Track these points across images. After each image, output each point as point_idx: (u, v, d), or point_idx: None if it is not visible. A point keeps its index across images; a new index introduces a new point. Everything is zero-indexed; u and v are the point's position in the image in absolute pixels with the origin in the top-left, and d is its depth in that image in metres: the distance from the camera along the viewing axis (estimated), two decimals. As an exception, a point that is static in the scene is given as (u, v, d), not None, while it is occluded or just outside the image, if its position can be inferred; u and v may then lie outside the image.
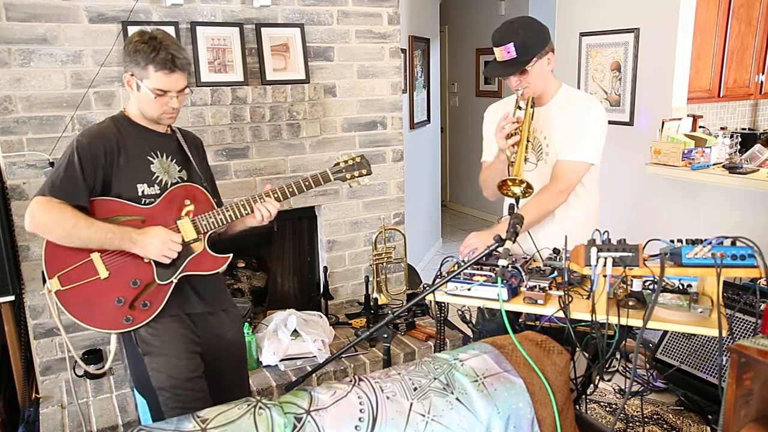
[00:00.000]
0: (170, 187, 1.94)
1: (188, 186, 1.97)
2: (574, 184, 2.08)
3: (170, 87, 1.84)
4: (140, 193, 1.89)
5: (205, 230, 1.96)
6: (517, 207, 1.97)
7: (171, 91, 1.85)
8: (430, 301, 2.02)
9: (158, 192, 1.92)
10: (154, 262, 1.89)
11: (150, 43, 1.80)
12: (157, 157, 1.94)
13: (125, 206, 1.88)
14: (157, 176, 1.93)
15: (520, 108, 2.03)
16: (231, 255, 2.04)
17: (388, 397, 1.50)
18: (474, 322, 2.20)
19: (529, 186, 1.85)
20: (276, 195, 2.03)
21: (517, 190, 1.88)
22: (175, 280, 1.92)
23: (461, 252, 2.06)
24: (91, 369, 2.80)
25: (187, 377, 1.91)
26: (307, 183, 2.06)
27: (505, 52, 1.98)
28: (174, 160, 1.98)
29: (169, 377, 1.89)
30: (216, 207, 2.00)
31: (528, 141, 1.97)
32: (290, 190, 2.04)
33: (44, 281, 1.84)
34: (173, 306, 1.93)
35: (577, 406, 2.09)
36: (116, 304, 1.86)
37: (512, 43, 1.96)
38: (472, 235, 2.09)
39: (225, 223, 1.97)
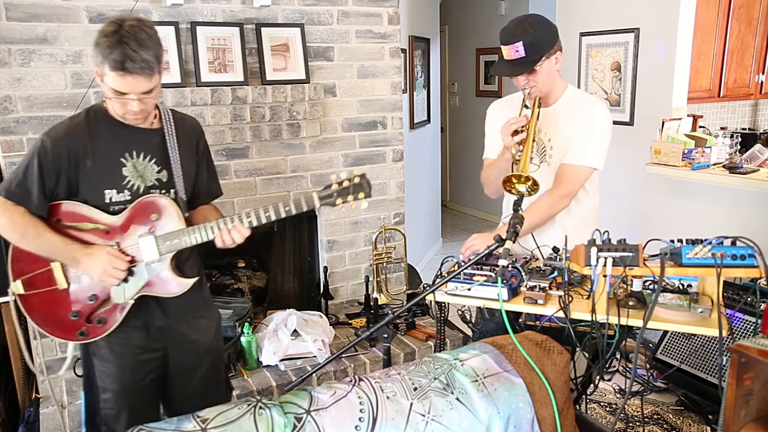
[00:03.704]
0: (143, 193, 1.78)
1: (157, 198, 1.78)
2: (578, 189, 2.07)
3: (126, 89, 1.62)
4: (108, 200, 1.75)
5: (167, 251, 1.78)
6: (520, 206, 1.97)
7: (129, 93, 1.64)
8: (430, 301, 2.02)
9: (129, 198, 1.76)
10: None
11: (110, 37, 1.58)
12: (132, 158, 1.77)
13: (90, 213, 1.75)
14: (129, 181, 1.76)
15: (527, 107, 2.02)
16: (195, 279, 1.86)
17: (388, 397, 1.50)
18: (474, 322, 2.20)
19: (534, 183, 1.84)
20: (249, 219, 1.79)
21: (522, 188, 1.87)
22: (131, 301, 1.79)
23: (462, 253, 2.06)
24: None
25: (133, 385, 1.87)
26: (287, 209, 1.80)
27: (513, 51, 1.96)
28: (153, 160, 1.80)
29: (113, 382, 1.85)
30: (185, 223, 1.80)
31: (533, 141, 1.97)
32: (267, 215, 1.80)
33: (8, 284, 1.79)
34: (132, 318, 1.82)
35: (577, 406, 2.09)
36: (71, 317, 1.78)
37: (521, 42, 1.94)
38: (473, 237, 2.08)
39: (189, 245, 1.78)
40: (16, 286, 1.77)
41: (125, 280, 1.77)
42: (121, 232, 1.76)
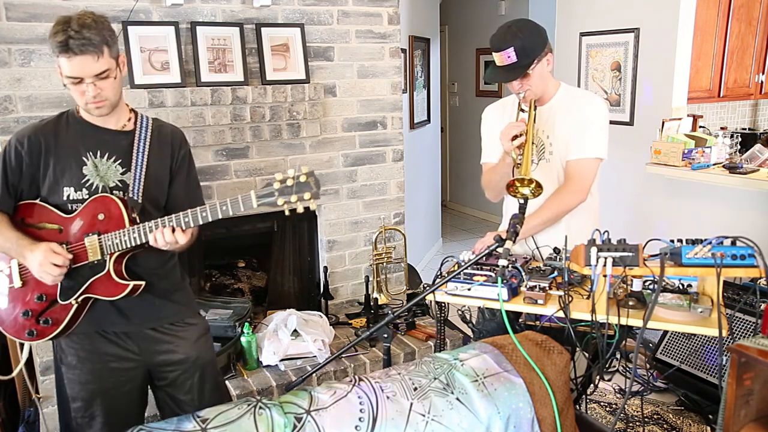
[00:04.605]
0: (101, 193, 1.76)
1: (106, 198, 1.75)
2: (591, 181, 2.09)
3: (76, 72, 1.62)
4: (66, 197, 1.75)
5: (110, 251, 1.74)
6: (525, 209, 1.96)
7: (83, 77, 1.63)
8: (430, 301, 2.02)
9: (86, 197, 1.75)
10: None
11: (56, 26, 1.63)
12: (94, 157, 1.76)
13: (49, 213, 1.76)
14: (88, 179, 1.76)
15: (523, 111, 2.03)
16: (136, 283, 1.79)
17: (388, 397, 1.50)
18: (474, 322, 2.20)
19: (538, 185, 1.84)
20: (187, 220, 1.70)
21: (526, 191, 1.86)
22: (75, 302, 1.77)
23: (474, 251, 2.05)
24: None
25: (106, 393, 1.84)
26: (224, 208, 1.66)
27: (505, 57, 1.97)
28: (118, 162, 1.79)
29: (81, 390, 1.84)
30: (129, 224, 1.75)
31: (532, 143, 1.97)
32: (203, 214, 1.69)
33: None
34: (85, 323, 1.81)
35: (577, 406, 2.09)
36: (22, 316, 1.79)
37: (512, 48, 1.95)
38: (489, 235, 2.08)
39: (129, 245, 1.73)
40: None
41: (71, 280, 1.77)
42: (72, 230, 1.77)
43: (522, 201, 1.85)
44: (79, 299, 1.77)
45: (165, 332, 1.91)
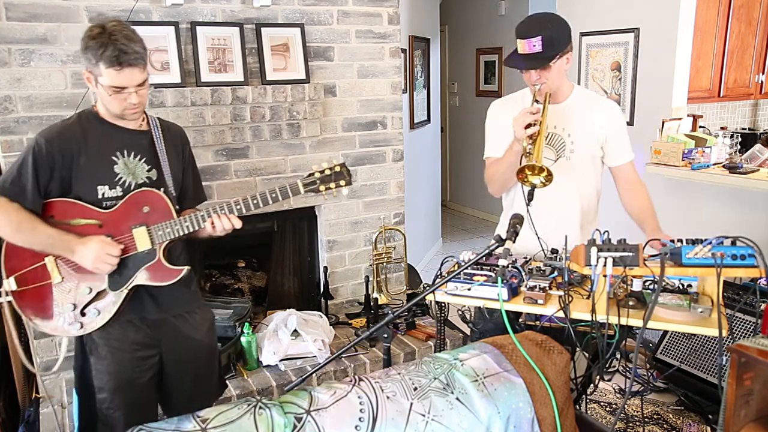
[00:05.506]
0: (134, 189, 1.86)
1: (148, 191, 1.87)
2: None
3: (124, 83, 1.73)
4: (100, 195, 1.83)
5: (160, 240, 1.86)
6: (531, 198, 1.97)
7: (127, 87, 1.74)
8: (430, 301, 2.02)
9: (120, 194, 1.85)
10: None
11: (98, 38, 1.69)
12: (123, 156, 1.85)
13: (84, 209, 1.82)
14: (121, 177, 1.85)
15: (537, 102, 2.04)
16: (187, 268, 1.92)
17: (388, 397, 1.50)
18: (473, 321, 2.20)
19: (549, 173, 1.86)
20: (239, 207, 1.90)
21: (536, 180, 1.89)
22: (126, 290, 1.86)
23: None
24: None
25: (130, 383, 1.90)
26: (273, 195, 1.90)
27: (530, 46, 1.99)
28: (143, 159, 1.89)
29: (110, 380, 1.89)
30: (176, 215, 1.88)
31: (545, 135, 2.00)
32: (254, 202, 1.90)
33: (1, 281, 1.85)
34: (126, 312, 1.88)
35: (577, 406, 2.10)
36: (67, 310, 1.84)
37: (540, 37, 1.97)
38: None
39: (181, 234, 1.87)
40: (9, 283, 1.82)
41: (119, 271, 1.84)
42: (114, 224, 1.84)
43: (530, 189, 1.89)
44: (130, 287, 1.86)
45: (184, 319, 2.02)
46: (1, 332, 2.73)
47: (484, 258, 1.72)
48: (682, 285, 1.81)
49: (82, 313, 1.84)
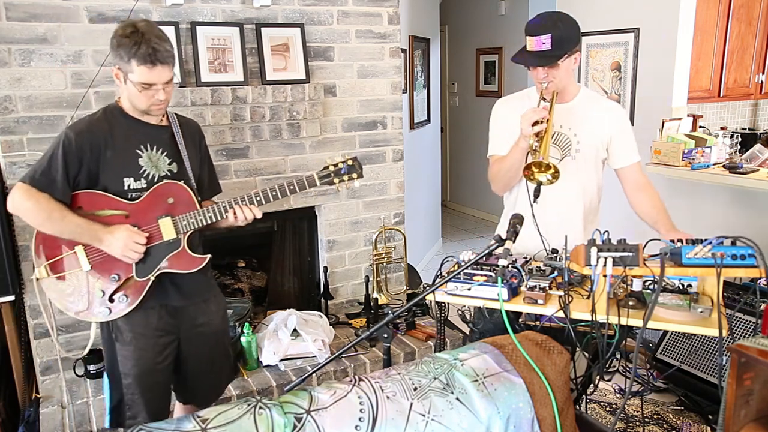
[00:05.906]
0: (157, 181, 1.95)
1: (172, 184, 1.97)
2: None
3: (154, 80, 1.82)
4: (126, 187, 1.91)
5: (185, 230, 1.97)
6: (537, 195, 1.98)
7: (156, 84, 1.83)
8: (430, 301, 2.02)
9: (145, 186, 1.94)
10: None
11: (132, 37, 1.77)
12: (147, 150, 1.94)
13: (110, 200, 1.91)
14: (145, 170, 1.94)
15: (544, 99, 2.04)
16: (209, 256, 2.05)
17: (388, 397, 1.50)
18: (473, 321, 2.20)
19: (556, 171, 1.86)
20: (259, 198, 2.03)
21: (543, 177, 1.89)
22: (153, 277, 1.96)
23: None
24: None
25: (152, 368, 2.00)
26: (291, 187, 2.05)
27: (539, 43, 2.00)
28: (164, 153, 1.98)
29: (134, 366, 1.98)
30: (198, 206, 2.00)
31: (552, 133, 2.01)
32: (273, 193, 2.04)
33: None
34: (151, 299, 1.97)
35: (577, 406, 2.10)
36: (97, 296, 1.93)
37: (549, 35, 1.97)
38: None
39: (205, 223, 1.98)
40: (40, 272, 1.92)
41: (145, 259, 1.94)
42: (140, 215, 1.93)
43: (536, 186, 1.91)
44: (157, 274, 1.96)
45: (201, 307, 2.10)
46: (1, 332, 2.73)
47: (484, 258, 1.72)
48: (682, 285, 1.81)
49: (111, 299, 1.94)
